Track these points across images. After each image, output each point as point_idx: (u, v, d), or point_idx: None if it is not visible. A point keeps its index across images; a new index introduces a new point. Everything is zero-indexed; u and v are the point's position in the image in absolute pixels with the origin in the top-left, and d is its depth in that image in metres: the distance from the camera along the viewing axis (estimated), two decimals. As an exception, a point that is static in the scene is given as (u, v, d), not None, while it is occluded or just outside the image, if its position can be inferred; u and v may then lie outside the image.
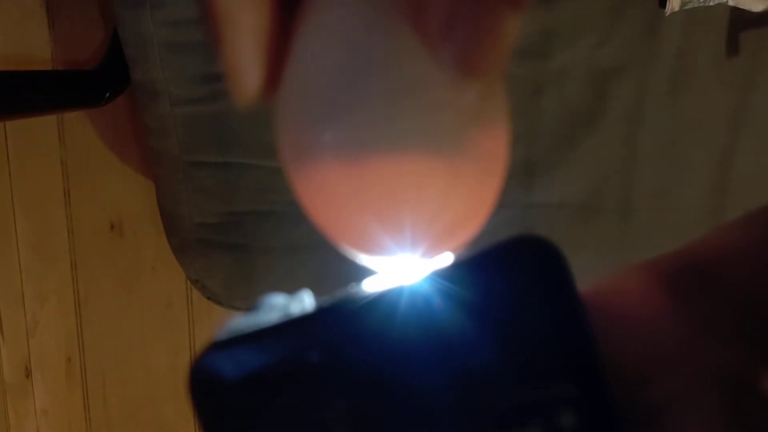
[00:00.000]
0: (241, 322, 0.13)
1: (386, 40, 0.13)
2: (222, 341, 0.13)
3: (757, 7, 0.64)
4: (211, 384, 0.13)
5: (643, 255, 0.16)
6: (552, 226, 0.71)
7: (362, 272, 0.15)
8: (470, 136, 0.14)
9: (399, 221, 0.14)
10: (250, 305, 0.14)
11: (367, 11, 0.13)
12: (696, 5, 0.65)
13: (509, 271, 0.13)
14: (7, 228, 1.07)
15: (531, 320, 0.13)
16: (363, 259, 0.15)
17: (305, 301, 0.14)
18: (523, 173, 0.70)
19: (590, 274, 0.15)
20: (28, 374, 1.14)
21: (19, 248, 1.08)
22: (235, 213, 0.73)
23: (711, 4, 0.65)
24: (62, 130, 1.03)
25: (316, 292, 0.15)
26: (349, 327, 0.13)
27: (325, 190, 0.14)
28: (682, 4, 0.65)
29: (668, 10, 0.65)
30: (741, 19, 0.66)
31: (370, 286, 0.13)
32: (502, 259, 0.13)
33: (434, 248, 0.14)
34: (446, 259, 0.14)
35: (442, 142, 0.13)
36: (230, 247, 0.74)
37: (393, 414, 0.12)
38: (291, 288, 0.15)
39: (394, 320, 0.13)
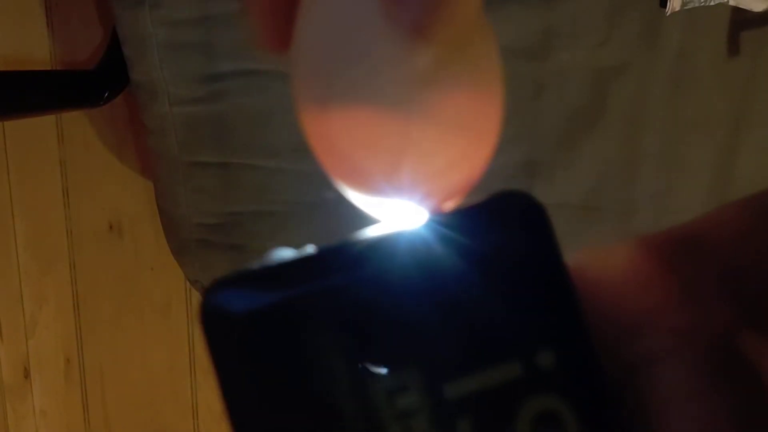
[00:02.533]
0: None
1: (357, 7, 0.15)
2: (229, 278, 0.14)
3: (758, 7, 0.64)
4: (221, 318, 0.14)
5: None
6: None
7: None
8: (424, 100, 0.15)
9: (364, 171, 0.16)
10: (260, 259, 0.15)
11: None
12: (697, 5, 0.65)
13: (497, 223, 0.14)
14: (6, 228, 1.07)
15: (515, 266, 0.14)
16: (357, 201, 0.17)
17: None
18: (523, 173, 0.70)
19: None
20: (26, 375, 1.14)
21: (18, 249, 1.08)
22: (235, 213, 0.73)
23: (712, 3, 0.65)
24: (61, 130, 1.03)
25: None
26: (350, 265, 0.14)
27: (312, 136, 0.16)
28: (683, 4, 0.64)
29: (669, 9, 0.65)
30: (742, 19, 0.66)
31: (370, 232, 0.15)
32: (492, 212, 0.14)
33: (416, 198, 0.16)
34: (447, 207, 0.16)
35: (391, 104, 0.15)
36: (229, 247, 0.74)
37: (390, 345, 0.14)
38: None
39: (393, 260, 0.14)
